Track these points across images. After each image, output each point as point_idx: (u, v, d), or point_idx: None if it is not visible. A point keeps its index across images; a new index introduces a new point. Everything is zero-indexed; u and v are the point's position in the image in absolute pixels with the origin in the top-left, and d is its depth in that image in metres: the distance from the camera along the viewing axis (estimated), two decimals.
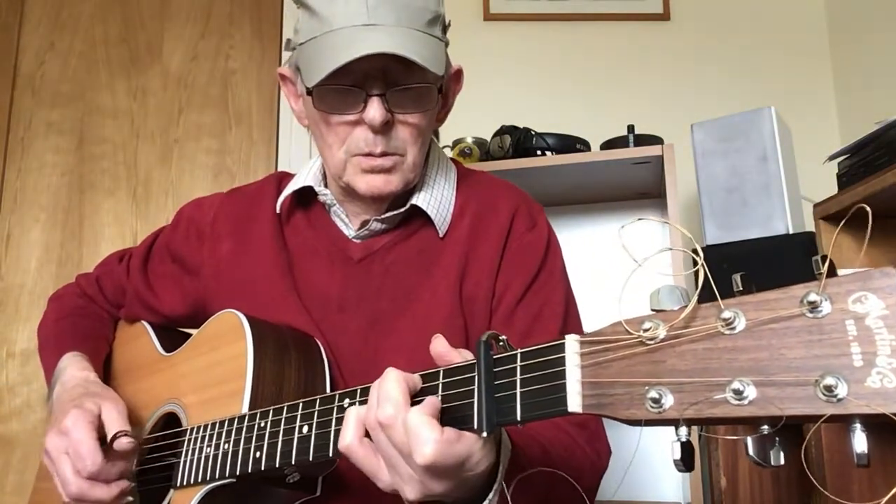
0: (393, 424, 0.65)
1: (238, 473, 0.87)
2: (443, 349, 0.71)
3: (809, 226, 1.70)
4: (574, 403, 0.56)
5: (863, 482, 1.32)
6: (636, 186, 2.04)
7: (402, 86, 0.95)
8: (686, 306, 0.49)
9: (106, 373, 1.21)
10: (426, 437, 0.62)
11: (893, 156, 1.38)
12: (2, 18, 2.46)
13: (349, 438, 0.69)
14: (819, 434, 1.34)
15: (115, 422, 0.99)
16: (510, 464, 0.71)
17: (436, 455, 0.62)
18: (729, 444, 1.60)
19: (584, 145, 1.93)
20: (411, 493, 0.67)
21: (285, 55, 1.07)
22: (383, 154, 0.98)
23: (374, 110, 0.94)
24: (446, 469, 0.64)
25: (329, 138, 1.00)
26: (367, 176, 0.99)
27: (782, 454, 0.49)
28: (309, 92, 0.96)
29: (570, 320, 1.04)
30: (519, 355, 0.62)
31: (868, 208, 0.41)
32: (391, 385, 0.66)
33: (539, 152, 1.89)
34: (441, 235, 1.06)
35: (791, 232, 1.60)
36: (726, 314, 0.48)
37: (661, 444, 1.01)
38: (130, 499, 1.00)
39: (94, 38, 2.50)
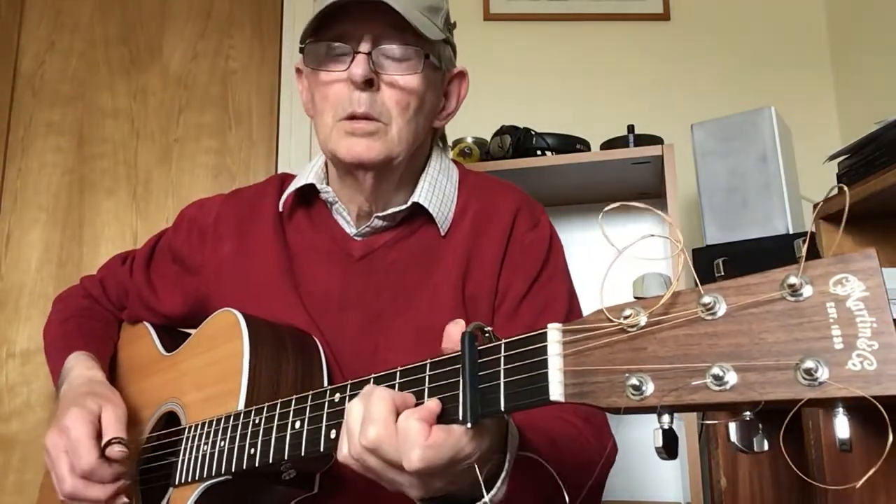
0: (379, 447, 0.64)
1: (234, 470, 0.88)
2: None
3: (809, 226, 1.69)
4: (556, 392, 0.56)
5: (862, 472, 1.30)
6: (636, 186, 2.03)
7: (388, 44, 0.97)
8: (665, 293, 0.48)
9: (110, 373, 1.21)
10: (412, 442, 0.62)
11: (893, 156, 1.37)
12: (2, 18, 2.46)
13: (345, 451, 0.69)
14: (818, 423, 1.32)
15: (111, 427, 0.99)
16: (519, 451, 0.71)
17: (422, 460, 0.62)
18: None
19: (584, 145, 1.92)
20: (414, 493, 0.67)
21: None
22: (366, 116, 0.97)
23: (357, 66, 0.95)
24: (438, 469, 0.63)
25: (320, 105, 1.01)
26: (350, 139, 0.99)
27: (766, 441, 0.48)
28: (304, 53, 0.99)
29: (573, 318, 1.04)
30: (503, 346, 0.62)
31: (846, 188, 0.41)
32: (377, 407, 0.65)
33: (539, 152, 1.89)
34: (443, 234, 1.06)
35: (791, 232, 1.60)
36: (706, 299, 0.48)
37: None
38: (126, 500, 1.00)
39: (94, 38, 2.50)
